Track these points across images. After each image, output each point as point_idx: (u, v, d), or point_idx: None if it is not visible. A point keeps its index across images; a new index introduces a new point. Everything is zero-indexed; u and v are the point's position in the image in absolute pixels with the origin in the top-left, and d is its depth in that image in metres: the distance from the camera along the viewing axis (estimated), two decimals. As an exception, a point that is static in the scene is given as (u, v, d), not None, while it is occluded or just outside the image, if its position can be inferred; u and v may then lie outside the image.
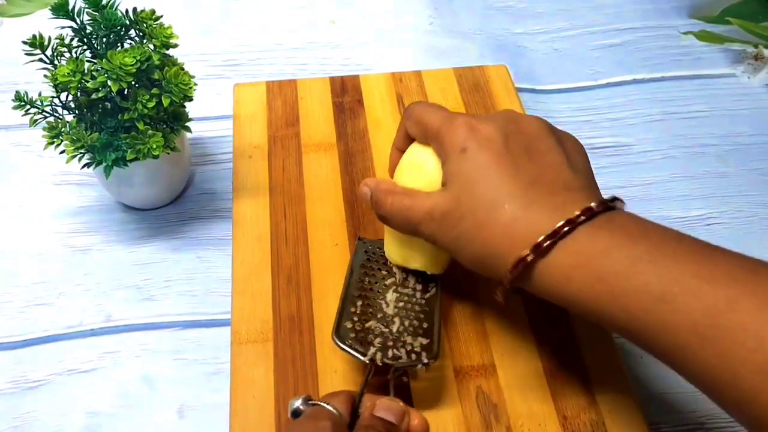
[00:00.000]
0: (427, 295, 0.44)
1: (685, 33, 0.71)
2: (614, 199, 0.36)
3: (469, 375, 0.44)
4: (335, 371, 0.44)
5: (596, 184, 0.38)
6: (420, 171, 0.41)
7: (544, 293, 0.35)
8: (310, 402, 0.37)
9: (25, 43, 0.45)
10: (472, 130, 0.38)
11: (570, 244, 0.34)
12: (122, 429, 0.44)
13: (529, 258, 0.34)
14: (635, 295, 0.31)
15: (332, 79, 0.62)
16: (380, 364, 0.40)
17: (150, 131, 0.46)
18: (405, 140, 0.43)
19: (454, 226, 0.37)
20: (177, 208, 0.56)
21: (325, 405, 0.36)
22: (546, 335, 0.46)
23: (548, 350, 0.45)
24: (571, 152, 0.39)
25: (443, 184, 0.39)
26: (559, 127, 0.40)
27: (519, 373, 0.44)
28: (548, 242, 0.33)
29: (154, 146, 0.46)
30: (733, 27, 0.68)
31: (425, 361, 0.40)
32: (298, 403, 0.37)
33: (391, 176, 0.44)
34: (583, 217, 0.34)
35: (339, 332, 0.41)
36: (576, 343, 0.46)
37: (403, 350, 0.41)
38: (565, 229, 0.33)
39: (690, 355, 0.30)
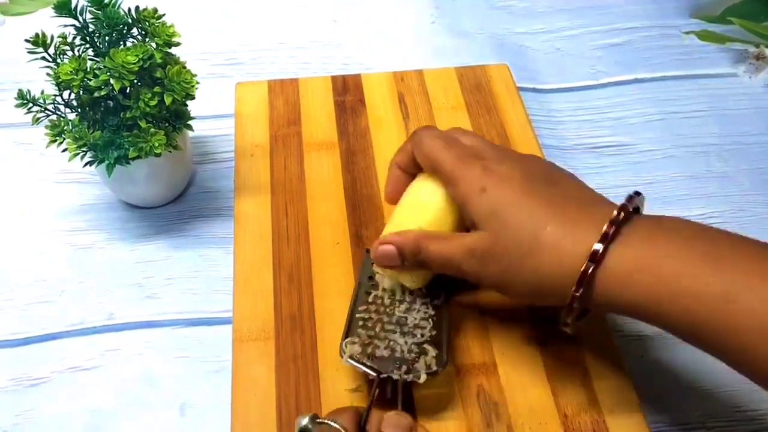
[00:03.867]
0: (435, 302, 0.44)
1: (687, 33, 0.71)
2: (635, 193, 0.37)
3: (470, 373, 0.44)
4: (336, 369, 0.44)
5: None
6: (425, 211, 0.42)
7: (606, 303, 0.36)
8: (318, 420, 0.36)
9: (27, 41, 0.45)
10: (486, 170, 0.39)
11: (624, 249, 0.34)
12: (124, 427, 0.44)
13: (590, 269, 0.34)
14: (697, 295, 0.32)
15: (334, 78, 0.62)
16: (394, 378, 0.40)
17: (152, 129, 0.46)
18: (409, 162, 0.44)
19: (499, 260, 0.37)
20: (179, 207, 0.56)
21: (332, 423, 0.36)
22: (547, 334, 0.46)
23: (549, 349, 0.45)
24: (577, 178, 0.41)
25: (471, 227, 0.40)
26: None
27: (520, 372, 0.44)
28: (601, 247, 0.34)
29: (156, 144, 0.46)
30: (734, 27, 0.68)
31: (434, 369, 0.40)
32: (305, 421, 0.36)
33: (390, 195, 0.46)
34: (622, 214, 0.35)
35: (347, 348, 0.41)
36: (577, 342, 0.46)
37: (412, 361, 0.41)
38: (612, 230, 0.34)
39: (758, 356, 0.30)
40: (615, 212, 0.35)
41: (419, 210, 0.43)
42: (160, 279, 0.51)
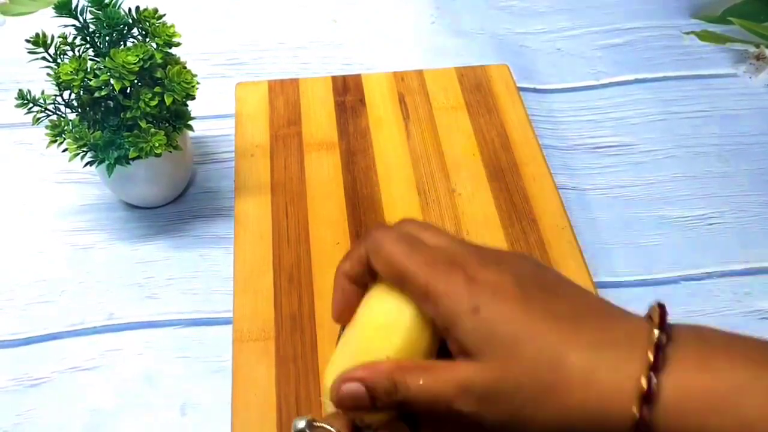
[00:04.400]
0: None
1: (687, 33, 0.71)
2: (659, 305, 0.31)
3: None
4: (337, 370, 0.44)
5: None
6: (392, 334, 0.33)
7: None
8: (315, 423, 0.36)
9: (28, 41, 0.45)
10: (472, 281, 0.31)
11: (678, 379, 0.28)
12: (124, 427, 0.44)
13: (645, 412, 0.28)
14: None
15: (334, 78, 0.62)
16: None
17: (152, 129, 0.46)
18: (361, 270, 0.35)
19: (510, 399, 0.30)
20: (179, 207, 0.56)
21: (328, 427, 0.36)
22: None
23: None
24: (568, 279, 0.34)
25: (458, 354, 0.32)
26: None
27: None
28: (654, 381, 0.28)
29: (157, 144, 0.46)
30: (735, 27, 0.68)
31: None
32: (302, 424, 0.36)
33: (340, 314, 0.36)
34: (664, 337, 0.29)
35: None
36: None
37: None
38: (658, 356, 0.28)
39: None
40: (656, 333, 0.29)
41: (384, 334, 0.33)
42: (161, 279, 0.51)
